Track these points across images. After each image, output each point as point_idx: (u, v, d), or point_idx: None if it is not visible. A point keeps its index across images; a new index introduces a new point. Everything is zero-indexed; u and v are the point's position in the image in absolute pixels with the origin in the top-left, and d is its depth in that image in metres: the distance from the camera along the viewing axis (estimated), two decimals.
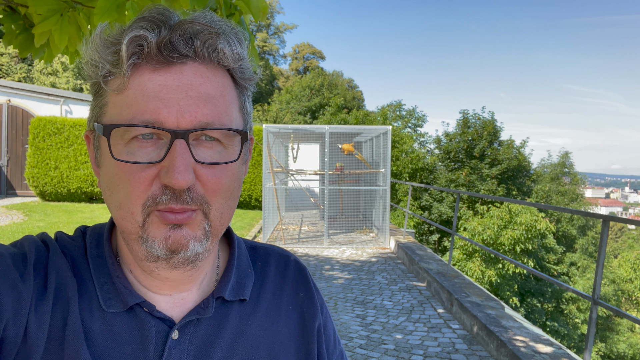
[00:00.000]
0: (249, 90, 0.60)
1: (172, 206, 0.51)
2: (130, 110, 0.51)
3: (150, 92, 0.51)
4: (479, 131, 20.51)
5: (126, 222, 0.53)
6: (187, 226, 0.53)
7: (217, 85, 0.54)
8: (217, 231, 0.56)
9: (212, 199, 0.53)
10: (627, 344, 20.66)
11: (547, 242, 18.24)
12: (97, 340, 0.54)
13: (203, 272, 0.62)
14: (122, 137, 0.52)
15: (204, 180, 0.52)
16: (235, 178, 0.57)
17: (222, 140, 0.54)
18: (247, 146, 0.60)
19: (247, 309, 0.64)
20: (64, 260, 0.57)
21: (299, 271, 0.73)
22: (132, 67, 0.52)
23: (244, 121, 0.59)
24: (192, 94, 0.51)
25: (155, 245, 0.52)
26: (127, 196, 0.51)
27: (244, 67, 0.57)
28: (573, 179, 27.73)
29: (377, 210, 9.89)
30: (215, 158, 0.53)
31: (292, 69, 45.72)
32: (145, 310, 0.57)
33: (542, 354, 3.56)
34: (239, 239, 0.71)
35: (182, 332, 0.58)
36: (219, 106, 0.53)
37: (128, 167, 0.51)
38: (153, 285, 0.59)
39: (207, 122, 0.51)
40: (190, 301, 0.61)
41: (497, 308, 4.69)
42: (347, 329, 4.61)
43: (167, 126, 0.50)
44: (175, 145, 0.50)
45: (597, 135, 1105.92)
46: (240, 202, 13.65)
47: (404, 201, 18.81)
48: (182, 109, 0.50)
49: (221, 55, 0.54)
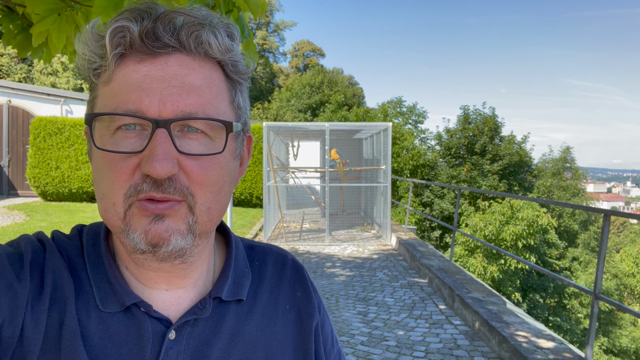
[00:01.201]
0: (242, 85, 0.59)
1: (153, 194, 0.50)
2: (115, 100, 0.51)
3: (134, 82, 0.51)
4: (480, 127, 20.47)
5: (109, 214, 0.52)
6: (170, 218, 0.52)
7: (204, 76, 0.53)
8: (205, 227, 0.55)
9: (198, 191, 0.52)
10: (630, 338, 20.65)
11: (549, 238, 18.24)
12: (94, 340, 0.54)
13: (198, 270, 0.61)
14: (107, 128, 0.52)
15: (189, 171, 0.52)
16: (225, 173, 0.56)
17: (208, 132, 0.53)
18: (238, 140, 0.59)
19: (244, 309, 0.64)
20: (61, 260, 0.56)
21: (296, 271, 0.73)
22: (118, 59, 0.52)
23: (236, 115, 0.58)
24: (175, 84, 0.51)
25: (136, 238, 0.51)
26: (110, 186, 0.51)
27: (234, 60, 0.56)
28: (574, 174, 27.68)
29: (378, 207, 9.89)
30: (200, 150, 0.52)
31: (292, 66, 45.66)
32: (142, 310, 0.56)
33: (544, 349, 3.57)
34: (236, 238, 0.71)
35: (179, 332, 0.57)
36: (203, 97, 0.52)
37: (112, 157, 0.51)
38: (148, 279, 0.58)
39: (190, 112, 0.51)
40: (187, 301, 0.60)
41: (498, 304, 4.70)
42: (349, 325, 4.62)
43: (149, 115, 0.50)
44: (156, 134, 0.49)
45: (599, 129, 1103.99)
46: (241, 201, 13.65)
47: (405, 198, 18.80)
48: (164, 98, 0.50)
49: (207, 46, 0.53)
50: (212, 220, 0.56)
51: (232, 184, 0.58)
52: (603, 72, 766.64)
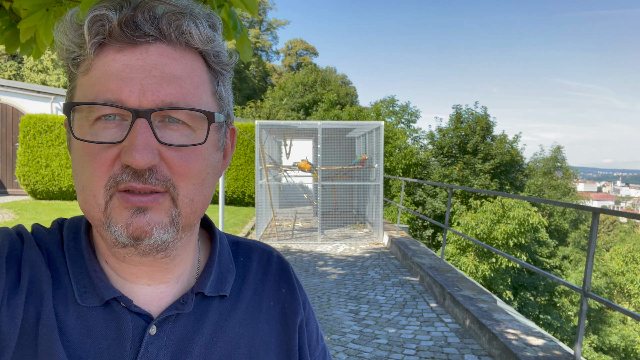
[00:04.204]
0: (225, 76, 0.59)
1: (133, 184, 0.49)
2: (93, 90, 0.50)
3: (113, 72, 0.50)
4: (472, 126, 20.56)
5: (89, 206, 0.52)
6: (152, 211, 0.51)
7: (185, 66, 0.52)
8: (188, 220, 0.54)
9: (180, 182, 0.52)
10: (619, 336, 20.87)
11: (540, 236, 18.37)
12: (72, 335, 0.53)
13: (181, 265, 0.60)
14: (86, 119, 0.51)
15: (170, 162, 0.51)
16: (207, 164, 0.55)
17: (189, 123, 0.52)
18: (221, 132, 0.58)
19: (228, 305, 0.63)
20: (39, 254, 0.56)
21: (281, 267, 0.72)
22: (97, 48, 0.51)
23: (218, 106, 0.57)
24: (155, 74, 0.50)
25: (117, 231, 0.50)
26: (89, 177, 0.51)
27: (216, 51, 0.56)
28: (565, 173, 27.90)
29: (371, 205, 9.91)
30: (182, 141, 0.52)
31: (285, 65, 45.58)
32: (122, 304, 0.56)
33: (534, 347, 3.59)
34: (221, 234, 0.70)
35: (160, 327, 0.56)
36: (184, 87, 0.52)
37: (91, 148, 0.50)
38: (129, 273, 0.57)
39: (170, 102, 0.50)
40: (169, 296, 0.60)
41: (489, 301, 4.73)
42: (340, 323, 4.62)
43: (129, 105, 0.49)
44: (136, 124, 0.49)
45: (589, 129, 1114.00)
46: (233, 199, 13.61)
47: (397, 197, 18.85)
48: (144, 87, 0.49)
49: (188, 36, 0.52)
50: (196, 213, 0.55)
51: (215, 176, 0.58)
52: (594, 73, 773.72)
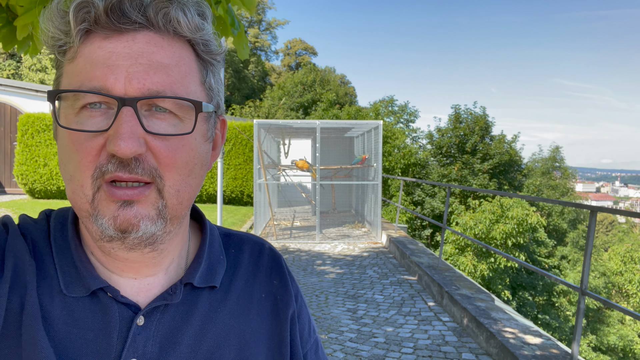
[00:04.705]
0: (214, 66, 0.58)
1: (119, 174, 0.49)
2: (79, 77, 0.50)
3: (99, 59, 0.49)
4: (471, 126, 20.57)
5: (76, 197, 0.51)
6: (139, 204, 0.50)
7: (172, 55, 0.52)
8: (175, 211, 0.54)
9: (167, 173, 0.51)
10: (618, 336, 20.90)
11: (538, 236, 18.39)
12: (58, 325, 0.52)
13: (169, 257, 0.60)
14: (72, 107, 0.50)
15: (157, 152, 0.50)
16: (195, 155, 0.54)
17: (177, 112, 0.52)
18: (210, 122, 0.58)
19: (218, 296, 0.63)
20: (23, 243, 0.55)
21: (273, 259, 0.72)
22: (83, 35, 0.51)
23: (207, 96, 0.57)
24: (142, 62, 0.50)
25: (104, 224, 0.50)
26: (76, 167, 0.50)
27: (205, 40, 0.55)
28: (564, 173, 27.94)
29: (369, 205, 9.91)
30: (169, 130, 0.51)
31: (284, 65, 45.56)
32: (108, 295, 0.55)
33: (531, 345, 3.60)
34: (212, 225, 0.70)
35: (148, 318, 0.56)
36: (172, 76, 0.51)
37: (77, 137, 0.50)
38: (115, 267, 0.57)
39: (157, 91, 0.50)
40: (157, 287, 0.59)
41: (487, 300, 4.73)
42: (338, 322, 4.62)
43: (114, 93, 0.49)
44: (121, 112, 0.48)
45: (588, 129, 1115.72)
46: (232, 198, 13.60)
47: (396, 196, 18.86)
48: (130, 75, 0.49)
49: (176, 24, 0.52)
50: (183, 204, 0.54)
51: (203, 167, 0.57)
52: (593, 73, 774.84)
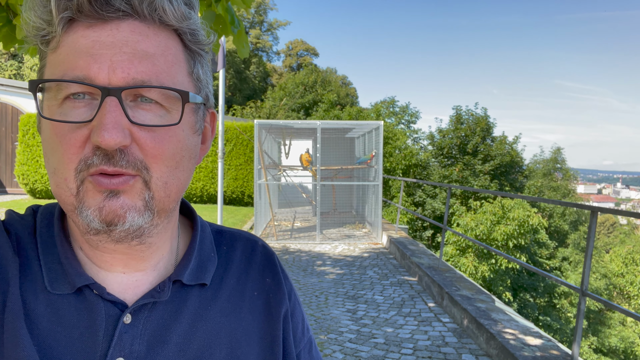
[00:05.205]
0: (202, 56, 0.57)
1: (104, 168, 0.47)
2: (62, 67, 0.48)
3: (82, 48, 0.48)
4: (472, 127, 20.55)
5: (61, 190, 0.50)
6: (125, 195, 0.49)
7: (158, 44, 0.51)
8: (163, 204, 0.53)
9: (153, 165, 0.50)
10: (619, 338, 20.83)
11: (540, 237, 18.34)
12: (41, 323, 0.51)
13: (158, 252, 0.59)
14: (55, 98, 0.49)
15: (142, 143, 0.49)
16: (183, 147, 0.53)
17: (163, 102, 0.51)
18: (198, 114, 0.56)
19: (208, 294, 0.61)
20: (6, 239, 0.54)
21: (266, 256, 0.71)
22: (66, 24, 0.49)
23: (195, 88, 0.55)
24: (126, 50, 0.48)
25: (89, 216, 0.48)
26: (60, 160, 0.49)
27: (192, 29, 0.54)
28: (565, 174, 27.88)
29: (370, 205, 9.88)
30: (155, 121, 0.50)
31: (285, 65, 45.57)
32: (94, 292, 0.54)
33: (532, 346, 3.57)
34: (203, 222, 0.69)
35: (135, 316, 0.55)
36: (157, 65, 0.50)
37: (60, 129, 0.48)
38: (103, 261, 0.56)
39: (142, 80, 0.48)
40: (146, 284, 0.58)
41: (487, 301, 4.70)
42: (338, 323, 4.60)
43: (98, 83, 0.47)
44: (105, 102, 0.47)
45: (589, 131, 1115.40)
46: (233, 199, 13.59)
47: (397, 197, 18.83)
48: (114, 64, 0.48)
49: (161, 12, 0.50)
50: (170, 197, 0.53)
51: (192, 159, 0.56)
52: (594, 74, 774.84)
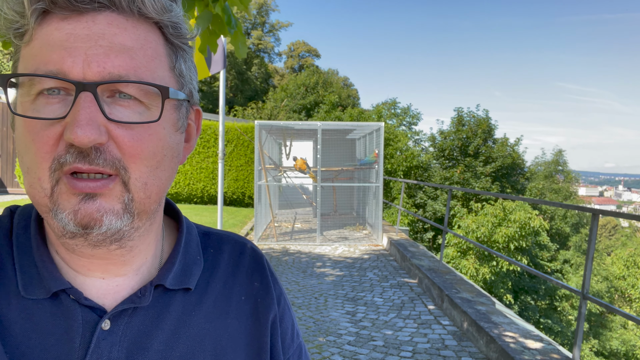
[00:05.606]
0: (185, 51, 0.55)
1: (79, 166, 0.45)
2: (34, 61, 0.46)
3: (56, 41, 0.46)
4: (474, 129, 20.52)
5: (34, 191, 0.47)
6: (102, 197, 0.47)
7: (137, 37, 0.48)
8: (143, 206, 0.50)
9: (132, 164, 0.48)
10: (620, 341, 20.75)
11: (541, 240, 18.28)
12: (14, 330, 0.49)
13: (140, 256, 0.56)
14: (28, 93, 0.47)
15: (120, 142, 0.47)
16: (164, 145, 0.51)
17: (142, 99, 0.48)
18: (181, 111, 0.54)
19: (193, 299, 0.59)
20: None
21: (255, 259, 0.68)
22: (39, 16, 0.47)
23: (178, 83, 0.53)
24: (102, 44, 0.46)
25: (64, 219, 0.46)
26: (33, 158, 0.46)
27: (174, 22, 0.52)
28: (567, 177, 27.81)
29: (371, 207, 9.86)
30: (133, 118, 0.47)
31: (287, 67, 45.58)
32: (71, 297, 0.51)
33: (532, 350, 3.54)
34: (189, 223, 0.66)
35: (114, 322, 0.52)
36: (136, 59, 0.47)
37: (32, 126, 0.46)
38: (81, 266, 0.53)
39: (119, 75, 0.46)
40: (126, 289, 0.55)
41: (487, 304, 4.67)
42: (337, 325, 4.57)
43: (72, 77, 0.45)
44: (79, 98, 0.45)
45: (591, 133, 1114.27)
46: (233, 200, 13.58)
47: (398, 199, 18.79)
48: (89, 58, 0.45)
49: (140, 4, 0.48)
50: (151, 198, 0.51)
51: (174, 159, 0.53)
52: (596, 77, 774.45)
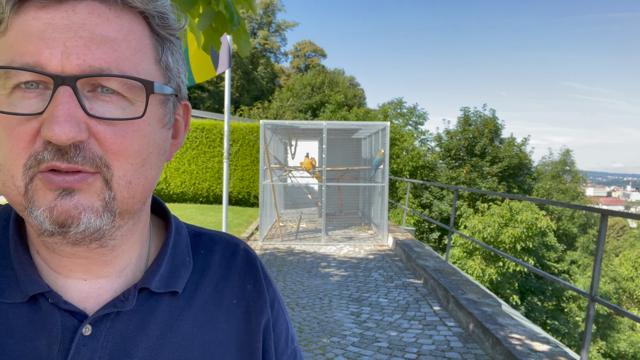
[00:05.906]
0: (172, 43, 0.51)
1: (57, 164, 0.42)
2: (10, 52, 0.43)
3: (33, 32, 0.43)
4: (480, 129, 20.42)
5: (7, 189, 0.45)
6: (81, 193, 0.44)
7: (120, 28, 0.45)
8: (126, 205, 0.47)
9: (114, 162, 0.45)
10: (628, 343, 20.57)
11: (548, 240, 18.17)
12: None
13: (123, 257, 0.53)
14: (3, 87, 0.44)
15: (102, 138, 0.44)
16: (149, 142, 0.48)
17: (126, 93, 0.45)
18: (167, 106, 0.51)
19: (180, 303, 0.56)
20: None
21: (247, 261, 0.65)
22: (16, 4, 0.44)
23: (164, 77, 0.50)
24: (83, 34, 0.43)
25: (39, 217, 0.43)
26: (6, 155, 0.44)
27: (160, 12, 0.48)
28: (574, 177, 27.61)
29: (376, 207, 9.81)
30: (115, 114, 0.45)
31: (293, 66, 45.59)
32: (50, 301, 0.49)
33: (539, 352, 3.49)
34: (180, 223, 0.63)
35: (96, 327, 0.50)
36: (118, 51, 0.44)
37: (7, 121, 0.43)
38: (62, 266, 0.50)
39: (100, 68, 0.43)
40: (109, 292, 0.52)
41: (493, 305, 4.62)
42: (341, 326, 4.54)
43: (49, 70, 0.42)
44: (58, 93, 0.42)
45: (599, 133, 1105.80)
46: (239, 199, 13.58)
47: (404, 199, 18.72)
48: (68, 50, 0.42)
49: None
50: (135, 197, 0.48)
51: (160, 156, 0.50)
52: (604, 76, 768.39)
